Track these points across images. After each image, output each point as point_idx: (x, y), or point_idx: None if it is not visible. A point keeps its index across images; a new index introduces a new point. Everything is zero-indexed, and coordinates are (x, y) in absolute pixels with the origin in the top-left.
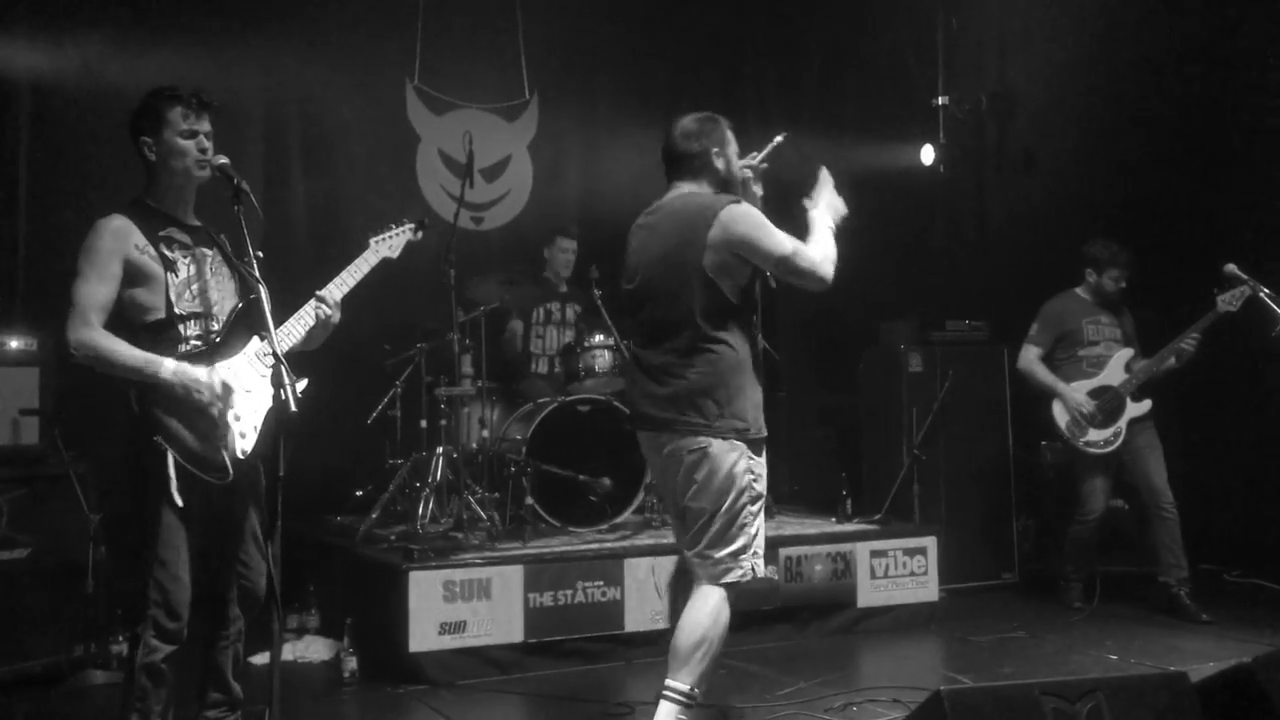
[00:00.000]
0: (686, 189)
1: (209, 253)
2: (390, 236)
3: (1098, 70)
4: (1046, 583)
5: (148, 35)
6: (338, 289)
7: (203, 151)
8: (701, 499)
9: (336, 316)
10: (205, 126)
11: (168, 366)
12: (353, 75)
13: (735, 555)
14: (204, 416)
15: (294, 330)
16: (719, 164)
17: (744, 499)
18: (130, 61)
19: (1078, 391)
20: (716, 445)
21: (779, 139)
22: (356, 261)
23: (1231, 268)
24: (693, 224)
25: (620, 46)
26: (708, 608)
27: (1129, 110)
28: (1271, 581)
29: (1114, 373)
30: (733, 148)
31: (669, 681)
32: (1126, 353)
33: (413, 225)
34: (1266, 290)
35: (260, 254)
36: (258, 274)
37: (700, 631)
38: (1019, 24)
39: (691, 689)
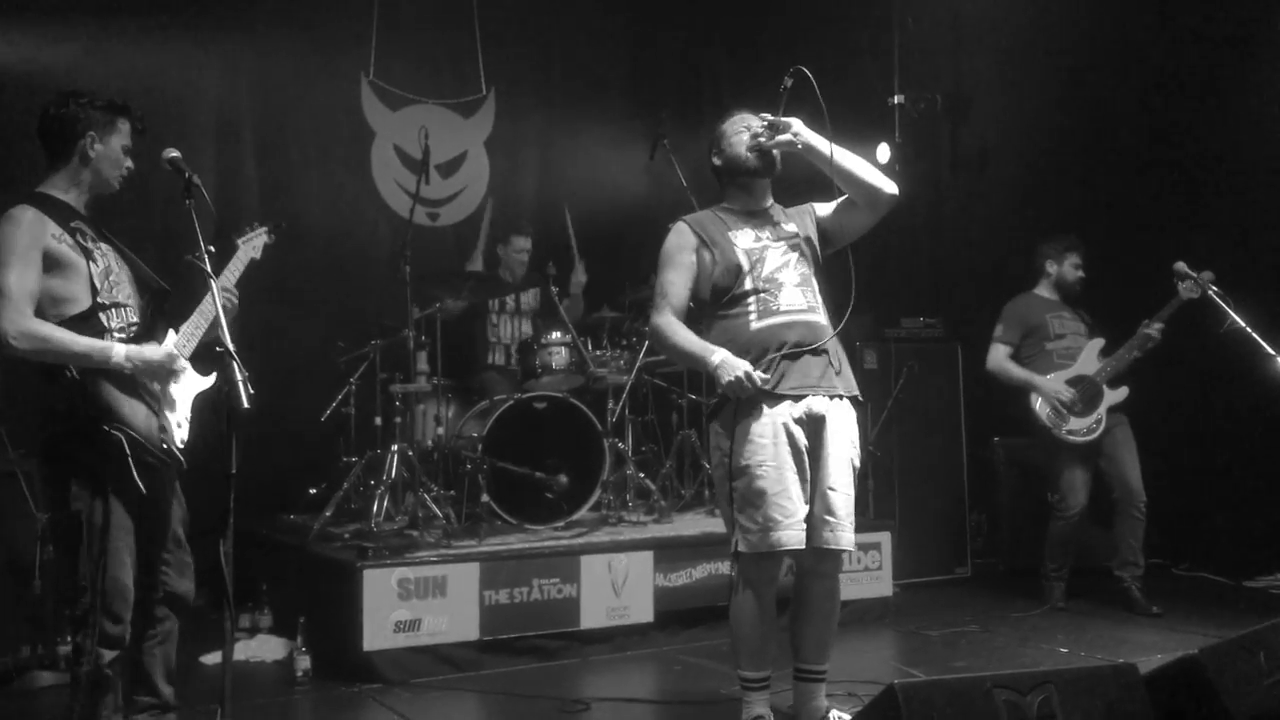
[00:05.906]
0: None
1: (107, 247)
2: (253, 237)
3: (1051, 70)
4: (999, 577)
5: (97, 28)
6: (230, 277)
7: (127, 170)
8: None
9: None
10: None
11: (119, 350)
12: (307, 70)
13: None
14: (151, 401)
15: (205, 313)
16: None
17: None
18: (78, 53)
19: (1055, 381)
20: None
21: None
22: (232, 261)
23: (1181, 265)
24: None
25: (577, 42)
26: None
27: (1081, 110)
28: (1218, 575)
29: (1088, 362)
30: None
31: None
32: (1098, 342)
33: (267, 228)
34: (1215, 288)
35: (212, 249)
36: (209, 268)
37: None
38: (973, 24)
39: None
